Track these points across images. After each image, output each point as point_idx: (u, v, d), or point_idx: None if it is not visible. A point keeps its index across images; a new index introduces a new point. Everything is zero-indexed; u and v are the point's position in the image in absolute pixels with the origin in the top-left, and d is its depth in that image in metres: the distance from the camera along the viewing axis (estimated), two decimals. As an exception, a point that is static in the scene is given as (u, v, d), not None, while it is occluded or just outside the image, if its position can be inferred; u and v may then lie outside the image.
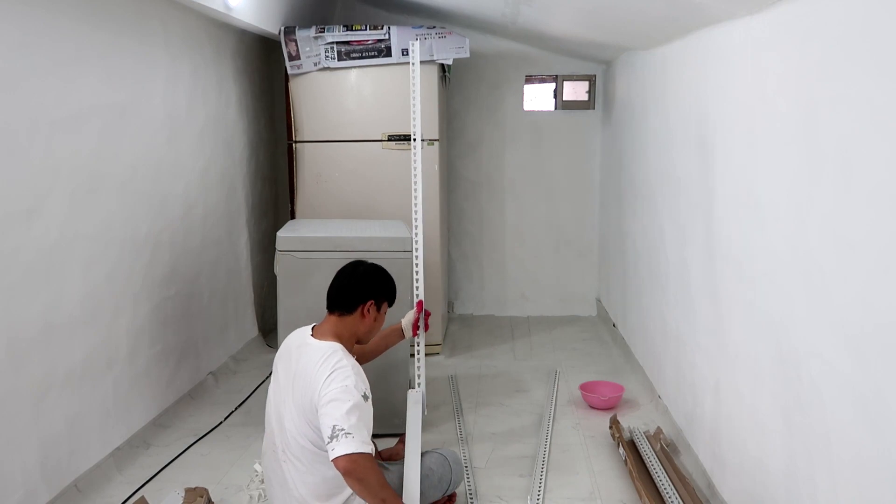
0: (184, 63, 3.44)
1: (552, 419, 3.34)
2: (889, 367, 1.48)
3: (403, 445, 2.53)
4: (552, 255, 5.20)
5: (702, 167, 2.72)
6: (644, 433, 2.97)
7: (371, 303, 2.31)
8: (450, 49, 4.00)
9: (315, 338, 2.23)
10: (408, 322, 2.69)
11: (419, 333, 2.71)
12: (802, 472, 1.88)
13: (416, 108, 2.81)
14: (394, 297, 2.42)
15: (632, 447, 2.90)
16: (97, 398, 2.75)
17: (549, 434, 3.16)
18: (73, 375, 2.60)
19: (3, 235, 2.23)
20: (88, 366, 2.68)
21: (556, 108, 5.05)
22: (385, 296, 2.37)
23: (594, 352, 4.39)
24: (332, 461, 2.00)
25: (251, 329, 4.39)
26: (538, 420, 3.34)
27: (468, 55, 4.03)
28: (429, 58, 3.98)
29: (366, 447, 2.02)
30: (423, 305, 2.71)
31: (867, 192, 1.56)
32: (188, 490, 2.45)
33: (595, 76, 4.98)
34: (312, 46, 4.01)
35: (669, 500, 2.45)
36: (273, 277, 3.24)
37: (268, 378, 3.34)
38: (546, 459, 2.91)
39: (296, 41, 4.01)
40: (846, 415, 1.66)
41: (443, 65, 4.11)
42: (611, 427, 3.07)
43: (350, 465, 1.98)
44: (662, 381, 3.37)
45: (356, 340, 2.34)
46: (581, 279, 5.21)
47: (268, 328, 4.60)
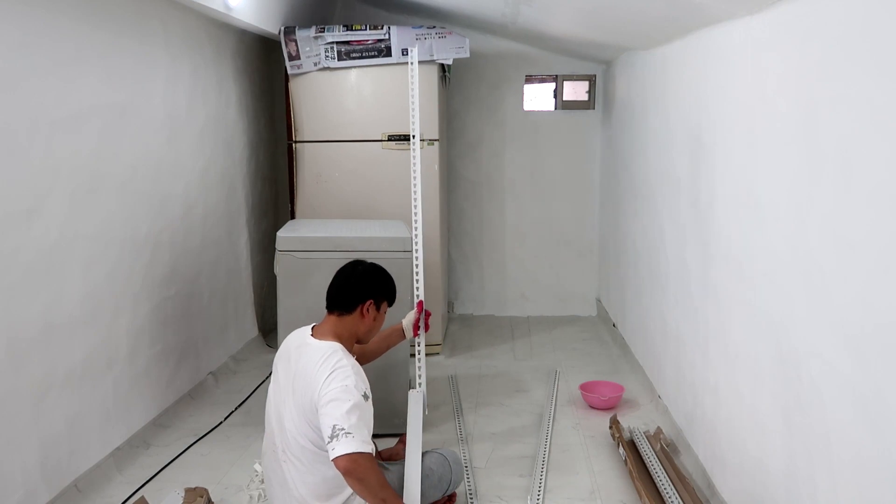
0: (184, 63, 3.44)
1: (552, 419, 3.34)
2: (889, 367, 1.48)
3: (403, 445, 2.53)
4: (552, 255, 5.20)
5: (702, 167, 2.72)
6: (644, 433, 2.97)
7: (370, 302, 2.31)
8: (450, 49, 4.00)
9: (315, 338, 2.23)
10: (408, 322, 2.69)
11: (420, 334, 2.71)
12: (802, 472, 1.88)
13: (415, 111, 2.81)
14: (393, 297, 2.42)
15: (632, 447, 2.90)
16: (97, 398, 2.75)
17: (549, 434, 3.16)
18: (73, 375, 2.60)
19: (3, 235, 2.23)
20: (88, 366, 2.69)
21: (556, 108, 5.05)
22: (384, 295, 2.38)
23: (594, 352, 4.39)
24: (333, 461, 2.00)
25: (251, 329, 4.39)
26: (538, 420, 3.34)
27: (468, 55, 4.03)
28: (429, 58, 3.98)
29: (366, 447, 2.02)
30: (424, 306, 2.71)
31: (867, 192, 1.56)
32: (188, 490, 2.45)
33: (595, 76, 4.98)
34: (312, 46, 4.01)
35: (669, 500, 2.45)
36: (273, 277, 3.24)
37: (268, 378, 3.34)
38: (546, 459, 2.91)
39: (296, 41, 4.01)
40: (846, 415, 1.66)
41: (443, 65, 4.11)
42: (611, 427, 3.07)
43: (350, 465, 1.98)
44: (662, 381, 3.37)
45: (356, 340, 2.34)
46: (581, 279, 5.21)
47: (268, 328, 4.60)
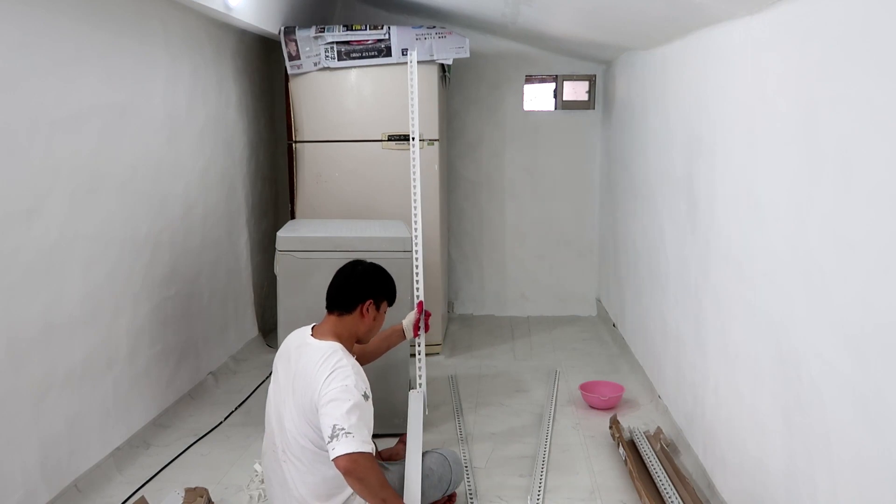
0: (184, 63, 3.44)
1: (552, 419, 3.34)
2: (889, 367, 1.48)
3: (403, 445, 2.53)
4: (552, 255, 5.20)
5: (702, 167, 2.72)
6: (644, 433, 2.97)
7: (370, 302, 2.31)
8: (450, 49, 4.00)
9: (315, 338, 2.23)
10: (409, 323, 2.69)
11: (420, 334, 2.71)
12: (802, 472, 1.88)
13: (415, 114, 2.82)
14: (393, 297, 2.42)
15: (632, 447, 2.90)
16: (97, 398, 2.75)
17: (549, 434, 3.16)
18: (73, 375, 2.60)
19: (3, 235, 2.23)
20: (88, 366, 2.69)
21: (556, 108, 5.05)
22: (384, 295, 2.37)
23: (594, 352, 4.39)
24: (333, 460, 2.00)
25: (251, 329, 4.39)
26: (538, 420, 3.34)
27: (468, 55, 4.03)
28: (429, 58, 3.98)
29: (366, 447, 2.02)
30: (424, 306, 2.71)
31: (867, 192, 1.56)
32: (188, 490, 2.45)
33: (595, 76, 4.98)
34: (312, 46, 4.01)
35: (669, 500, 2.45)
36: (273, 277, 3.24)
37: (268, 378, 3.34)
38: (546, 459, 2.91)
39: (296, 41, 4.01)
40: (846, 415, 1.66)
41: (443, 65, 4.11)
42: (611, 427, 3.07)
43: (350, 465, 1.98)
44: (662, 381, 3.37)
45: (356, 340, 2.34)
46: (581, 279, 5.21)
47: (268, 328, 4.60)
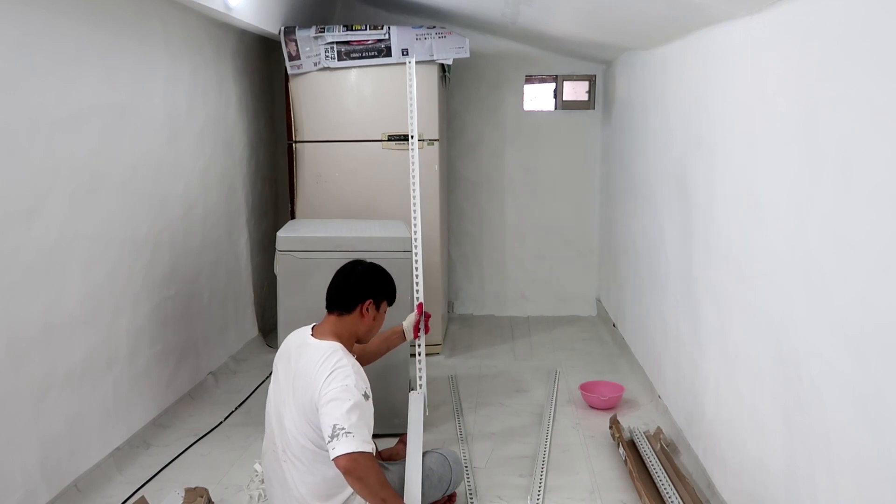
0: (184, 63, 3.44)
1: (552, 419, 3.34)
2: (889, 367, 1.48)
3: (403, 445, 2.53)
4: (552, 255, 5.20)
5: (702, 167, 2.72)
6: (644, 433, 2.97)
7: (370, 302, 2.31)
8: (450, 49, 4.00)
9: (315, 337, 2.23)
10: (409, 324, 2.69)
11: (420, 336, 2.71)
12: (802, 472, 1.88)
13: (414, 118, 2.83)
14: (393, 297, 2.42)
15: (632, 447, 2.90)
16: (97, 398, 2.75)
17: (549, 434, 3.16)
18: (73, 375, 2.60)
19: (3, 235, 2.23)
20: (88, 366, 2.69)
21: (556, 108, 5.04)
22: (384, 295, 2.37)
23: (594, 352, 4.39)
24: (333, 460, 2.00)
25: (251, 329, 4.39)
26: (538, 420, 3.34)
27: (468, 55, 4.03)
28: (429, 58, 3.98)
29: (366, 446, 2.02)
30: (423, 308, 2.71)
31: (867, 192, 1.56)
32: (188, 490, 2.45)
33: (595, 76, 4.98)
34: (312, 46, 4.01)
35: (669, 500, 2.45)
36: (273, 277, 3.24)
37: (268, 378, 3.34)
38: (546, 459, 2.91)
39: (296, 41, 4.01)
40: (846, 415, 1.66)
41: (443, 65, 4.11)
42: (611, 427, 3.07)
43: (350, 464, 1.99)
44: (662, 381, 3.37)
45: (356, 340, 2.34)
46: (581, 279, 5.21)
47: (268, 328, 4.60)
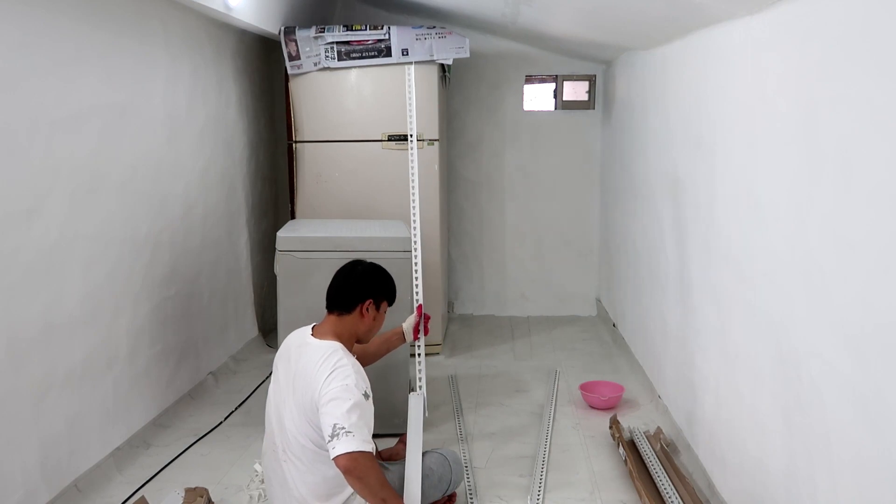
0: (184, 63, 3.44)
1: (552, 419, 3.34)
2: (889, 367, 1.48)
3: (403, 445, 2.53)
4: (552, 255, 5.19)
5: (702, 167, 2.72)
6: (644, 433, 2.97)
7: (370, 302, 2.31)
8: (450, 49, 4.00)
9: (315, 337, 2.24)
10: (409, 326, 2.69)
11: (419, 337, 2.71)
12: (802, 472, 1.88)
13: (413, 121, 2.84)
14: (393, 297, 2.42)
15: (632, 447, 2.90)
16: (97, 398, 2.75)
17: (549, 434, 3.16)
18: (73, 375, 2.60)
19: (3, 235, 2.23)
20: (88, 366, 2.69)
21: (556, 108, 5.04)
22: (384, 295, 2.37)
23: (594, 352, 4.39)
24: (333, 459, 2.00)
25: (251, 329, 4.39)
26: (538, 420, 3.34)
27: (468, 55, 4.03)
28: (429, 58, 3.98)
29: (366, 446, 2.02)
30: (423, 309, 2.71)
31: (867, 192, 1.56)
32: (188, 490, 2.45)
33: (595, 76, 4.98)
34: (312, 46, 4.01)
35: (669, 500, 2.45)
36: (273, 277, 3.24)
37: (268, 378, 3.34)
38: (546, 459, 2.91)
39: (296, 41, 4.01)
40: (846, 415, 1.66)
41: (443, 65, 4.11)
42: (611, 427, 3.06)
43: (351, 464, 1.99)
44: (662, 381, 3.37)
45: (356, 340, 2.35)
46: (581, 279, 5.21)
47: (268, 328, 4.60)
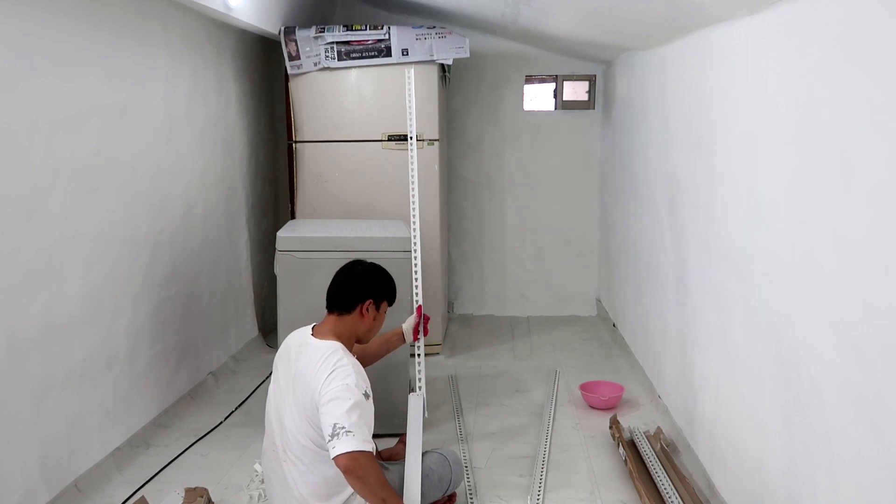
0: (184, 63, 3.44)
1: (552, 419, 3.34)
2: (889, 367, 1.48)
3: (403, 446, 2.53)
4: (552, 255, 5.19)
5: (702, 167, 2.72)
6: (644, 433, 2.97)
7: (370, 302, 2.31)
8: (450, 49, 4.00)
9: (315, 337, 2.24)
10: (408, 327, 2.69)
11: (419, 338, 2.71)
12: (802, 472, 1.88)
13: (413, 125, 2.85)
14: (393, 297, 2.42)
15: (632, 447, 2.90)
16: (97, 398, 2.75)
17: (549, 434, 3.16)
18: (73, 375, 2.60)
19: (3, 235, 2.23)
20: (88, 366, 2.69)
21: (556, 108, 5.04)
22: (384, 295, 2.38)
23: (594, 352, 4.39)
24: (333, 459, 2.00)
25: (251, 329, 4.39)
26: (538, 420, 3.34)
27: (468, 55, 4.03)
28: (429, 58, 3.98)
29: (366, 445, 2.02)
30: (423, 310, 2.71)
31: (867, 192, 1.56)
32: (188, 490, 2.45)
33: (595, 76, 4.98)
34: (312, 46, 4.01)
35: (669, 500, 2.45)
36: (273, 277, 3.24)
37: (268, 378, 3.34)
38: (546, 459, 2.91)
39: (296, 41, 4.01)
40: (846, 415, 1.66)
41: (443, 65, 4.11)
42: (611, 427, 3.06)
43: (351, 463, 1.99)
44: (662, 381, 3.37)
45: (356, 340, 2.35)
46: (581, 279, 5.21)
47: (268, 328, 4.60)
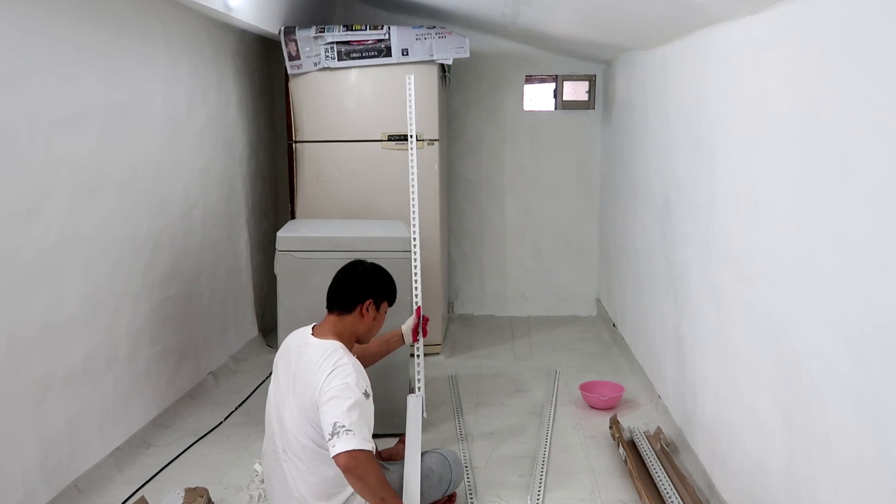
0: (184, 63, 3.44)
1: (552, 419, 3.34)
2: (889, 367, 1.48)
3: (403, 445, 2.53)
4: (552, 255, 5.19)
5: (702, 167, 2.72)
6: (644, 433, 2.97)
7: (370, 302, 2.31)
8: (450, 49, 4.00)
9: (315, 337, 2.24)
10: (408, 328, 2.69)
11: (419, 339, 2.71)
12: (802, 472, 1.88)
13: (412, 125, 2.85)
14: (393, 297, 2.42)
15: (632, 447, 2.90)
16: (97, 398, 2.75)
17: (549, 434, 3.16)
18: (73, 375, 2.60)
19: (3, 235, 2.23)
20: (88, 366, 2.69)
21: (556, 108, 5.04)
22: (384, 295, 2.38)
23: (594, 352, 4.39)
24: (333, 458, 2.00)
25: (251, 329, 4.39)
26: (538, 420, 3.34)
27: (468, 55, 4.03)
28: (429, 58, 3.98)
29: (366, 444, 2.02)
30: (423, 310, 2.71)
31: (867, 192, 1.56)
32: (188, 490, 2.45)
33: (595, 76, 4.98)
34: (312, 46, 4.01)
35: (669, 500, 2.45)
36: (273, 277, 3.24)
37: (268, 378, 3.34)
38: (546, 459, 2.91)
39: (296, 41, 4.01)
40: (846, 415, 1.66)
41: (443, 65, 4.11)
42: (611, 427, 3.06)
43: (350, 462, 1.99)
44: (662, 381, 3.37)
45: (356, 340, 2.35)
46: (581, 279, 5.21)
47: (268, 328, 4.60)
